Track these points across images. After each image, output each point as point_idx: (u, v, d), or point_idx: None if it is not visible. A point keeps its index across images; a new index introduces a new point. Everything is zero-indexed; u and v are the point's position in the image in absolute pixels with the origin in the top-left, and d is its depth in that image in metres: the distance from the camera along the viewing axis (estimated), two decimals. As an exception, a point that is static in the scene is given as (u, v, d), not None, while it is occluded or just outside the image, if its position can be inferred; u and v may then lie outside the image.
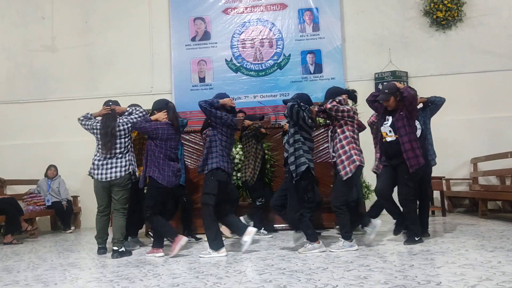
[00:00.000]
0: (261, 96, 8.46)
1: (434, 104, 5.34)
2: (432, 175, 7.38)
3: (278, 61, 8.64)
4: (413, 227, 4.56)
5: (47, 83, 9.04)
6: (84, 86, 8.91)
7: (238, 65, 8.71)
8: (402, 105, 4.56)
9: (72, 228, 7.81)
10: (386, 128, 4.67)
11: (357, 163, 4.36)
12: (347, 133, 4.43)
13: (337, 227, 5.59)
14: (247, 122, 5.99)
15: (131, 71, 8.78)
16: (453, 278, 2.98)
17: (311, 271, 3.43)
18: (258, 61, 8.69)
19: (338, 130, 4.46)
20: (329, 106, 4.41)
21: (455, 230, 5.49)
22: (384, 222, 5.34)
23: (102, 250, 4.80)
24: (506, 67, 8.19)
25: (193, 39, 8.85)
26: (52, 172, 7.90)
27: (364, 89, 8.27)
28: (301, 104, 4.40)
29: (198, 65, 8.78)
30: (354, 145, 4.44)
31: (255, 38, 8.75)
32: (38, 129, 8.86)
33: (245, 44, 8.75)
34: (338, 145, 4.43)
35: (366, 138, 5.78)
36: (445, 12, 8.24)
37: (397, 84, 4.66)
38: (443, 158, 7.93)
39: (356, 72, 8.52)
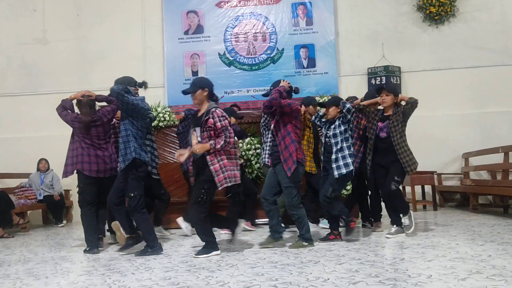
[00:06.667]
0: (254, 90, 8.44)
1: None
2: (424, 169, 7.49)
3: (271, 55, 8.62)
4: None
5: (39, 76, 8.96)
6: (76, 80, 8.84)
7: (231, 59, 8.68)
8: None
9: (64, 222, 7.78)
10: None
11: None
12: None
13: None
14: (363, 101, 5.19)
15: (124, 64, 8.68)
16: (443, 271, 3.00)
17: (303, 264, 3.45)
18: (251, 55, 8.67)
19: None
20: None
21: (446, 224, 5.53)
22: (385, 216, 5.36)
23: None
24: (498, 63, 8.23)
25: (186, 32, 8.80)
26: (43, 165, 7.86)
27: (358, 84, 8.34)
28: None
29: (191, 58, 8.74)
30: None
31: (248, 32, 8.71)
32: (30, 123, 8.79)
33: (238, 38, 8.72)
34: None
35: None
36: (438, 7, 8.25)
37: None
38: (435, 153, 8.04)
39: (349, 67, 8.53)
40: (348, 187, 6.08)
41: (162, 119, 6.53)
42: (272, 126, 4.53)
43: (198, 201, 3.97)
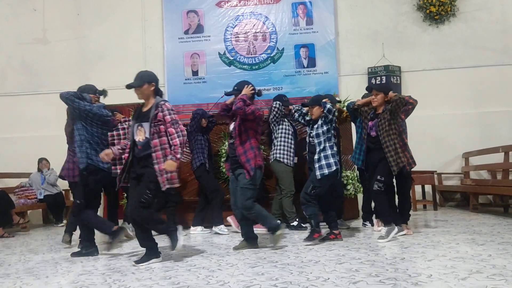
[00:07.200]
0: (254, 90, 8.43)
1: None
2: (424, 169, 7.49)
3: (271, 55, 8.62)
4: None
5: (39, 76, 8.97)
6: (76, 79, 8.77)
7: (232, 58, 8.68)
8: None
9: (64, 221, 7.75)
10: None
11: None
12: None
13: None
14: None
15: (124, 64, 8.69)
16: (443, 271, 3.00)
17: (303, 264, 3.44)
18: (251, 54, 8.67)
19: None
20: None
21: (446, 224, 5.53)
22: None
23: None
24: (498, 62, 8.23)
25: (186, 32, 8.80)
26: (44, 165, 7.85)
27: (358, 84, 8.33)
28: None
29: (191, 58, 8.73)
30: None
31: (248, 32, 8.71)
32: (30, 122, 8.79)
33: (238, 37, 8.72)
34: None
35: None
36: (438, 7, 8.25)
37: None
38: (435, 152, 8.04)
39: (350, 67, 8.53)
40: (349, 187, 6.08)
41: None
42: (231, 128, 4.42)
43: (142, 201, 3.71)
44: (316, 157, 4.54)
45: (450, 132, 8.13)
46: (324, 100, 4.63)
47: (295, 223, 5.57)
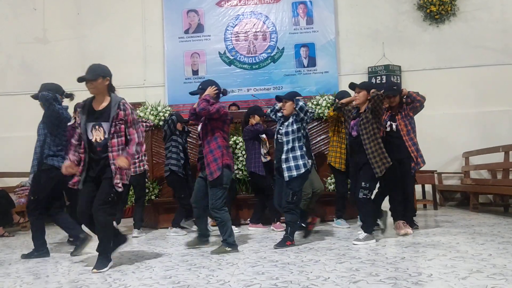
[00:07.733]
0: (255, 89, 8.45)
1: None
2: (424, 168, 7.48)
3: (271, 55, 8.62)
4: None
5: (39, 75, 8.92)
6: (76, 79, 8.83)
7: (232, 58, 8.69)
8: None
9: (64, 221, 7.76)
10: None
11: None
12: None
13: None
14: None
15: (124, 63, 8.70)
16: (444, 270, 3.00)
17: (304, 263, 3.44)
18: (251, 54, 8.67)
19: None
20: None
21: (446, 223, 5.53)
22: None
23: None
24: (498, 62, 8.24)
25: (186, 31, 8.80)
26: None
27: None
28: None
29: (191, 57, 8.74)
30: None
31: (248, 31, 8.72)
32: (30, 122, 8.72)
33: (238, 37, 8.72)
34: None
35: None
36: (439, 6, 8.26)
37: None
38: (435, 152, 8.02)
39: (350, 66, 8.53)
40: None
41: (162, 118, 6.51)
42: (199, 129, 4.34)
43: (108, 201, 3.48)
44: (283, 156, 4.32)
45: (450, 132, 8.13)
46: (297, 98, 4.40)
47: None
